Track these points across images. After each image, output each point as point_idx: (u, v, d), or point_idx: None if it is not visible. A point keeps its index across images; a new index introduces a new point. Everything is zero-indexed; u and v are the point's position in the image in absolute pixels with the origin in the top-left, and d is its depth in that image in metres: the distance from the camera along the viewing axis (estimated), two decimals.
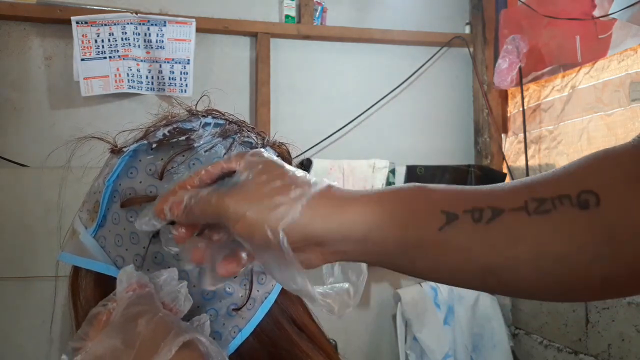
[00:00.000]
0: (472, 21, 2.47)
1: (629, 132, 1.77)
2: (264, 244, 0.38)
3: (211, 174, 0.42)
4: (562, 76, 2.09)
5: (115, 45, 1.99)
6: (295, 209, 0.38)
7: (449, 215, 0.38)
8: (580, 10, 1.92)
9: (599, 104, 1.90)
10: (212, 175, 0.42)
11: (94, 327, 0.40)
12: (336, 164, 2.18)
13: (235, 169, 0.42)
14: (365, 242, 0.39)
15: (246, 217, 0.38)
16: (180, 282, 0.44)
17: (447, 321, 2.19)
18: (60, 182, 0.64)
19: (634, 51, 1.75)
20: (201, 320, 0.44)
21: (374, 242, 0.39)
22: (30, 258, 1.84)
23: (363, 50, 2.37)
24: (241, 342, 0.48)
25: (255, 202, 0.38)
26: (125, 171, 0.48)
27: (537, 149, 2.23)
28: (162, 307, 0.41)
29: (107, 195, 0.48)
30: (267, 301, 0.50)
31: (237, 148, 0.50)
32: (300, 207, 0.38)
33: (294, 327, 0.51)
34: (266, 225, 0.37)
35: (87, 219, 0.50)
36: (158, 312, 0.40)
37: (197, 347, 0.38)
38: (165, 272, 0.44)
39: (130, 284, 0.42)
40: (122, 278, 0.42)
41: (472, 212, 0.37)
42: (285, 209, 0.38)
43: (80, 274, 0.50)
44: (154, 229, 0.43)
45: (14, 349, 1.83)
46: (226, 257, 0.42)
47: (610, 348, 1.72)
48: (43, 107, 2.02)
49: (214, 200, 0.39)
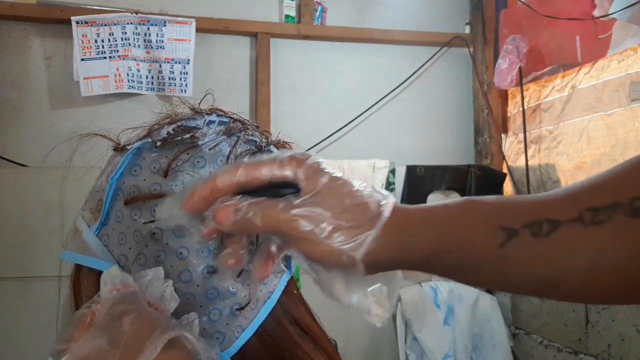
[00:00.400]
0: (472, 21, 2.47)
1: (629, 132, 1.77)
2: (335, 268, 0.38)
3: (259, 179, 0.40)
4: (562, 76, 2.09)
5: (115, 45, 1.99)
6: (372, 235, 0.38)
7: (509, 231, 0.38)
8: (580, 10, 1.92)
9: (599, 104, 1.90)
10: (261, 180, 0.40)
11: (79, 329, 0.39)
12: (336, 164, 2.18)
13: (290, 177, 0.40)
14: (428, 267, 0.40)
15: (320, 242, 0.38)
16: (165, 281, 0.43)
17: (447, 321, 2.19)
18: (61, 181, 0.64)
19: (634, 51, 1.75)
20: (190, 318, 0.44)
21: (436, 267, 0.40)
22: (30, 258, 1.84)
23: (363, 50, 2.37)
24: (244, 342, 0.48)
25: (331, 225, 0.38)
26: (129, 169, 0.48)
27: (537, 149, 2.23)
28: (148, 306, 0.40)
29: (110, 193, 0.48)
30: (270, 301, 0.50)
31: (241, 146, 0.50)
32: (375, 234, 0.38)
33: (296, 327, 0.51)
34: (345, 255, 0.37)
35: (90, 218, 0.50)
36: (143, 311, 0.39)
37: (183, 344, 0.37)
38: (151, 271, 0.44)
39: (114, 284, 0.41)
40: (106, 279, 0.42)
41: (530, 226, 0.38)
42: (362, 236, 0.38)
43: (82, 273, 0.50)
44: (177, 222, 0.41)
45: (14, 349, 1.83)
46: (259, 261, 0.42)
47: (610, 348, 1.72)
48: (43, 107, 2.02)
49: (281, 215, 0.38)
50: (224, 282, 0.47)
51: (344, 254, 0.37)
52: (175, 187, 0.46)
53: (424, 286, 2.23)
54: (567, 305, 1.89)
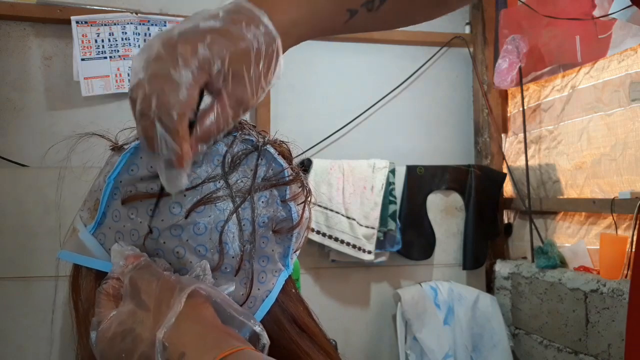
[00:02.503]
0: (472, 21, 2.47)
1: (629, 132, 1.77)
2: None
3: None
4: (562, 76, 2.09)
5: (115, 45, 1.99)
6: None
7: (352, 12, 0.57)
8: (580, 10, 1.92)
9: (599, 104, 1.90)
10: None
11: (102, 303, 0.45)
12: (336, 164, 2.18)
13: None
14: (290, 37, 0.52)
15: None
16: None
17: (447, 321, 2.19)
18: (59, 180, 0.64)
19: (634, 51, 1.75)
20: (197, 272, 0.46)
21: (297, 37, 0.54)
22: (30, 258, 1.84)
23: (363, 50, 2.37)
24: None
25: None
26: (126, 168, 0.48)
27: (537, 149, 2.23)
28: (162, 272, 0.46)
29: (107, 192, 0.48)
30: (268, 300, 0.50)
31: (237, 146, 0.50)
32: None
33: (294, 326, 0.51)
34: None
35: (88, 217, 0.50)
36: (160, 277, 0.44)
37: (200, 293, 0.44)
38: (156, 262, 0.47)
39: (127, 257, 0.46)
40: (116, 257, 0.46)
41: (366, 4, 0.58)
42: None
43: (81, 274, 0.50)
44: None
45: (14, 349, 1.83)
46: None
47: (610, 348, 1.72)
48: (43, 107, 2.02)
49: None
50: (221, 280, 0.47)
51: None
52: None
53: (424, 286, 2.23)
54: (567, 305, 1.89)
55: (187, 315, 0.41)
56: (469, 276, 2.35)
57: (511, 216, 2.43)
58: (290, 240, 0.52)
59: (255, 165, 0.49)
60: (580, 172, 2.00)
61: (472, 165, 2.37)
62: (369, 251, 2.13)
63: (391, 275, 2.29)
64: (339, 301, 2.25)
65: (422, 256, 2.29)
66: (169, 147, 0.43)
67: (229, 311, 0.44)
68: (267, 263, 0.50)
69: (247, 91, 0.46)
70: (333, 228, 2.11)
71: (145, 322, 0.42)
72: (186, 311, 0.41)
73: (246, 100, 0.47)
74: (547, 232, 2.17)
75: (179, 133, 0.43)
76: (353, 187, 2.16)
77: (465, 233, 2.34)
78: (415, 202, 2.29)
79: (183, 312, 0.41)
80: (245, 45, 0.46)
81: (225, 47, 0.45)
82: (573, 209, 2.02)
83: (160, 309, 0.42)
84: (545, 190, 2.19)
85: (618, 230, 1.79)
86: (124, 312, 0.43)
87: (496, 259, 2.35)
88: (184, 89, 0.43)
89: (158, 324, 0.41)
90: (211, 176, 0.47)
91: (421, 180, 2.31)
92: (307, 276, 2.20)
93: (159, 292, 0.43)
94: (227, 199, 0.47)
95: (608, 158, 1.85)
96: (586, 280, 1.81)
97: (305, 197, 0.53)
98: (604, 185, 1.88)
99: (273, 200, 0.49)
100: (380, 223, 2.15)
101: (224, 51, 0.44)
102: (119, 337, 0.42)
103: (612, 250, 1.77)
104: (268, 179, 0.49)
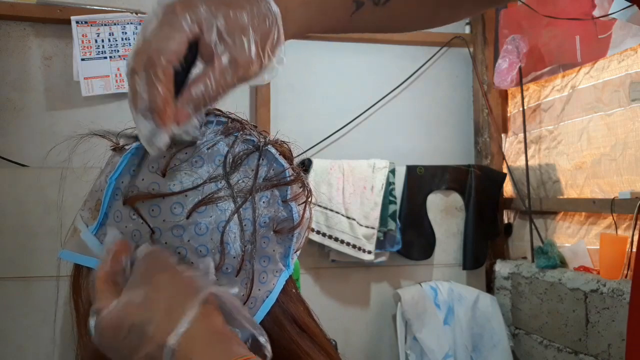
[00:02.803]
0: (472, 21, 2.47)
1: (629, 132, 1.77)
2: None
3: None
4: (562, 76, 2.09)
5: (115, 45, 1.99)
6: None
7: (358, 3, 0.58)
8: (580, 10, 1.92)
9: (599, 104, 1.90)
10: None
11: (101, 288, 0.44)
12: (336, 164, 2.18)
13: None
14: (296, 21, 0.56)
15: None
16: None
17: (447, 321, 2.19)
18: (61, 180, 0.64)
19: (634, 51, 1.75)
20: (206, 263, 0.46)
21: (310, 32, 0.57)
22: (30, 258, 1.84)
23: (363, 50, 2.37)
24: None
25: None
26: (127, 169, 0.48)
27: (537, 149, 2.23)
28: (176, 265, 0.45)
29: (109, 193, 0.48)
30: (269, 300, 0.50)
31: (239, 146, 0.50)
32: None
33: (295, 326, 0.51)
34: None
35: (89, 217, 0.50)
36: (174, 271, 0.43)
37: (213, 299, 0.43)
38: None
39: (117, 243, 0.46)
40: (109, 242, 0.46)
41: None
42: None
43: (82, 274, 0.50)
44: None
45: (14, 349, 1.83)
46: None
47: (610, 348, 1.72)
48: (43, 107, 2.02)
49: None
50: (222, 281, 0.47)
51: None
52: (173, 187, 0.47)
53: (424, 286, 2.23)
54: (567, 305, 1.89)
55: (199, 321, 0.40)
56: (469, 276, 2.36)
57: (511, 216, 2.43)
58: (291, 241, 0.52)
59: (257, 166, 0.49)
60: (580, 172, 2.00)
61: (472, 165, 2.37)
62: (369, 251, 2.13)
63: (391, 275, 2.29)
64: (339, 301, 2.25)
65: (422, 256, 2.29)
66: (149, 93, 0.42)
67: (237, 318, 0.43)
68: (268, 263, 0.50)
69: (243, 54, 0.45)
70: (333, 228, 2.12)
71: (155, 321, 0.40)
72: (199, 317, 0.41)
73: (242, 63, 0.46)
74: (547, 232, 2.17)
75: (160, 78, 0.42)
76: (353, 187, 2.16)
77: (465, 233, 2.34)
78: (415, 202, 2.29)
79: (196, 318, 0.41)
80: (242, 7, 0.46)
81: (223, 9, 0.45)
82: (573, 209, 2.02)
83: (173, 310, 0.41)
84: (545, 190, 2.19)
85: (618, 230, 1.79)
86: (130, 304, 0.42)
87: (496, 259, 2.35)
88: (173, 41, 0.43)
89: (169, 327, 0.40)
90: (213, 176, 0.47)
91: (421, 180, 2.31)
92: (307, 276, 2.20)
93: (173, 290, 0.42)
94: (229, 199, 0.47)
95: (608, 158, 1.85)
96: (586, 280, 1.81)
97: (306, 197, 0.53)
98: (604, 185, 1.88)
99: (274, 200, 0.50)
100: (380, 223, 2.15)
101: (220, 11, 0.45)
102: (124, 330, 0.41)
103: (612, 250, 1.77)
104: (269, 179, 0.49)
